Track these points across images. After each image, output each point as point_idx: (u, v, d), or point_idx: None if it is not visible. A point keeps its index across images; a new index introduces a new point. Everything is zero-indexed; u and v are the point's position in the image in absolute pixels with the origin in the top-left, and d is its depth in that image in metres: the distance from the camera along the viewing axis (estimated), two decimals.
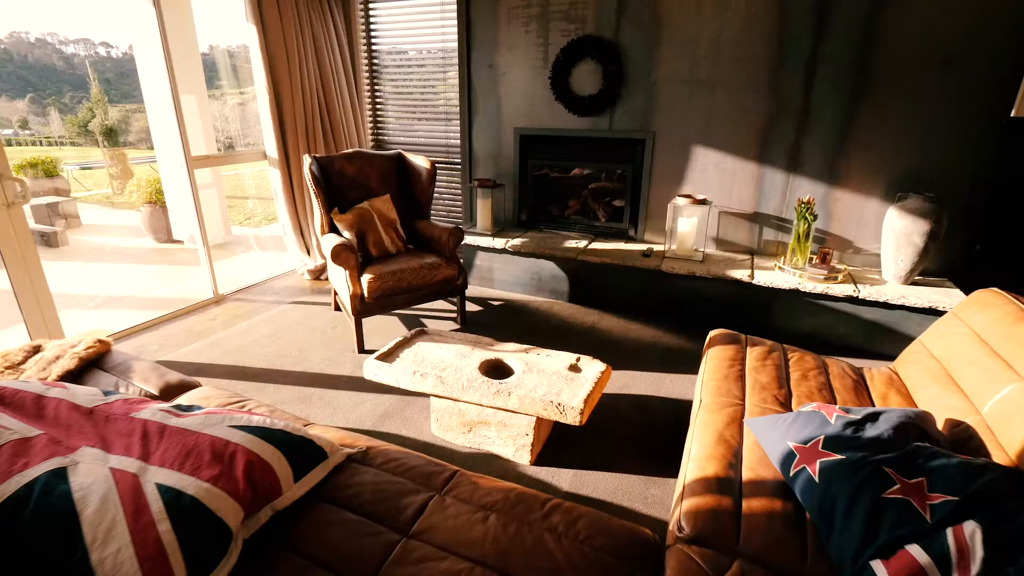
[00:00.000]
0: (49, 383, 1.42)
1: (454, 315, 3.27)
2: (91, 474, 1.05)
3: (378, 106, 4.31)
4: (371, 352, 2.72)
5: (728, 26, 2.97)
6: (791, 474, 1.26)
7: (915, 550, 0.98)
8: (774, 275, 2.92)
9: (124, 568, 0.90)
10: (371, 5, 4.01)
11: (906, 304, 2.62)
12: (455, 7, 3.63)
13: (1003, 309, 1.65)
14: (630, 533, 1.17)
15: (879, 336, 2.73)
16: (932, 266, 2.88)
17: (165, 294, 3.75)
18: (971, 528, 0.96)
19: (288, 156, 3.62)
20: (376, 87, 4.25)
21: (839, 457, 1.20)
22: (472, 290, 3.70)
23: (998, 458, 1.29)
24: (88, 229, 6.09)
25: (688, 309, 3.15)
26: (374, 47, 4.13)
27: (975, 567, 0.91)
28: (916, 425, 1.33)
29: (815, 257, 2.96)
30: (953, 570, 0.93)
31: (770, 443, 1.37)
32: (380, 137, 4.39)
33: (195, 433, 1.21)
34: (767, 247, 3.26)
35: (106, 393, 1.41)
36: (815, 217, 2.84)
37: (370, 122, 4.34)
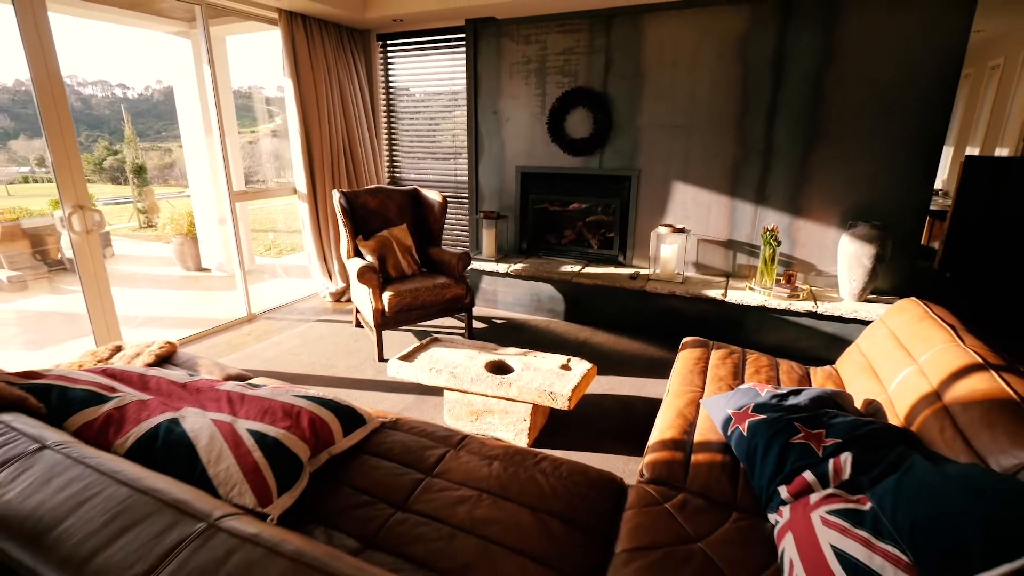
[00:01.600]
0: (143, 367, 1.80)
1: (462, 331, 3.64)
2: (197, 423, 1.42)
3: (394, 146, 4.80)
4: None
5: (700, 79, 3.45)
6: (728, 433, 1.61)
7: (807, 474, 1.33)
8: (745, 294, 3.30)
9: (233, 478, 1.26)
10: (390, 56, 4.54)
11: (858, 318, 2.98)
12: (464, 61, 4.15)
13: (913, 312, 2.02)
14: (602, 474, 1.52)
15: (838, 347, 3.08)
16: (884, 285, 3.25)
17: (200, 315, 4.14)
18: (845, 456, 1.32)
19: (316, 191, 4.07)
20: (392, 129, 4.75)
21: (763, 417, 1.55)
22: (478, 310, 4.09)
23: (894, 423, 1.64)
24: (120, 259, 6.55)
25: (669, 325, 3.52)
26: (391, 93, 4.65)
27: (843, 478, 1.26)
28: (832, 399, 1.68)
29: (782, 278, 3.34)
30: (830, 483, 1.28)
31: (716, 414, 1.73)
32: (395, 173, 4.87)
33: (268, 399, 1.58)
34: (740, 270, 3.65)
35: (190, 375, 1.79)
36: (779, 243, 3.23)
37: (386, 160, 4.83)
